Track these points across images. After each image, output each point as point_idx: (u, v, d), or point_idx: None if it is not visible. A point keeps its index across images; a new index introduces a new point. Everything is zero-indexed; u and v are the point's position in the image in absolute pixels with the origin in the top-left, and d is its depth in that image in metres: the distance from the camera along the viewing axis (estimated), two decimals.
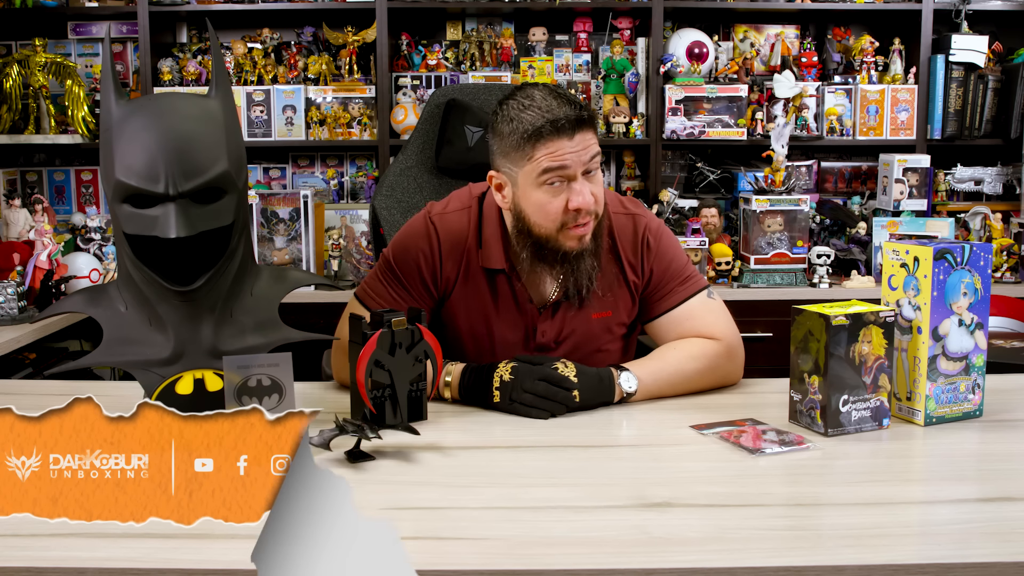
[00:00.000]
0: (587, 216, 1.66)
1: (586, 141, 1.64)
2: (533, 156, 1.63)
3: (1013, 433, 1.50)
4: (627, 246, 1.80)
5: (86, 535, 1.10)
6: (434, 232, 1.77)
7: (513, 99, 1.67)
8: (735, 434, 1.45)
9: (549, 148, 1.61)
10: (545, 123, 1.60)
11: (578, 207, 1.64)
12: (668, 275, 1.80)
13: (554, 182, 1.63)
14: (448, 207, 1.81)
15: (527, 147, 1.63)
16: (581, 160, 1.63)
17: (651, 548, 1.06)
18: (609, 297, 1.79)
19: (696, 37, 3.63)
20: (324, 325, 1.86)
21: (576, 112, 1.62)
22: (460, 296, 1.78)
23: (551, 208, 1.65)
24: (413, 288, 1.77)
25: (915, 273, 1.50)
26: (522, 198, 1.68)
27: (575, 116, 1.61)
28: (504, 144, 1.67)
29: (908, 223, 3.48)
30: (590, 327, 1.79)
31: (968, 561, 1.03)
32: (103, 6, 3.65)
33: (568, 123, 1.61)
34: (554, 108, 1.62)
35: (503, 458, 1.39)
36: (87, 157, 3.83)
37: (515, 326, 1.79)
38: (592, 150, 1.65)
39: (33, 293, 2.98)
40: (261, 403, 1.33)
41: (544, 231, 1.68)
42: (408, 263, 1.76)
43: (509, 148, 1.66)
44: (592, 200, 1.65)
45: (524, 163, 1.64)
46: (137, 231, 1.35)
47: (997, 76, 3.66)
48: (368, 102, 3.70)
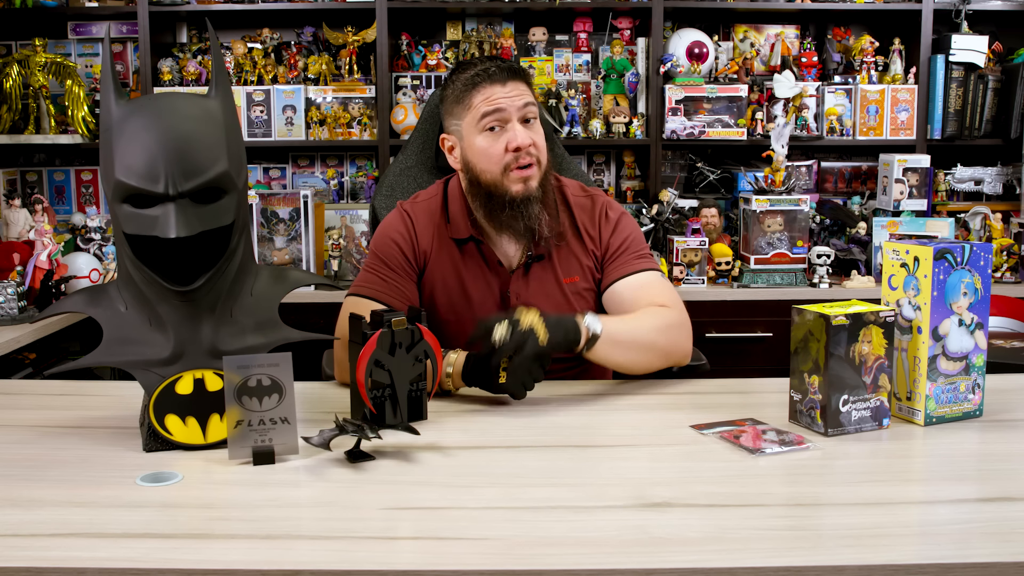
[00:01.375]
0: (528, 157, 1.81)
1: (519, 89, 1.82)
2: (471, 104, 1.81)
3: (1013, 433, 1.50)
4: (586, 220, 1.94)
5: (86, 535, 1.10)
6: (407, 215, 1.93)
7: (455, 69, 1.89)
8: (735, 434, 1.45)
9: (484, 94, 1.80)
10: (479, 71, 1.81)
11: (517, 146, 1.79)
12: (624, 247, 1.92)
13: (493, 127, 1.80)
14: (417, 198, 1.98)
15: (465, 97, 1.82)
16: (515, 105, 1.80)
17: (651, 548, 1.06)
18: (575, 263, 1.92)
19: (696, 37, 3.63)
20: (324, 325, 1.87)
21: (507, 65, 1.82)
22: (435, 267, 1.91)
23: (493, 151, 1.81)
24: (399, 269, 1.89)
25: (915, 273, 1.50)
26: (468, 149, 1.85)
27: (506, 67, 1.82)
28: (448, 103, 1.87)
29: (908, 223, 3.48)
30: (561, 290, 1.90)
31: (968, 561, 1.03)
32: (103, 6, 3.65)
33: (499, 71, 1.81)
34: (487, 64, 1.83)
35: (503, 458, 1.39)
36: (87, 157, 3.83)
37: (489, 289, 1.90)
38: (526, 98, 1.82)
39: (33, 293, 2.98)
40: (261, 403, 1.33)
41: (490, 176, 1.82)
42: (389, 247, 1.90)
43: (451, 104, 1.86)
44: (530, 140, 1.81)
45: (465, 114, 1.83)
46: (137, 231, 1.35)
47: (997, 76, 3.66)
48: (368, 102, 3.70)
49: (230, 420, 1.33)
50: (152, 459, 1.36)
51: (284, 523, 1.14)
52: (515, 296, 1.89)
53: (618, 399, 1.68)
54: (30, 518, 1.15)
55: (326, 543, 1.08)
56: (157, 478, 1.27)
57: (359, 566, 1.02)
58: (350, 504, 1.20)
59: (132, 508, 1.18)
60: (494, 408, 1.63)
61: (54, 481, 1.27)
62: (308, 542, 1.08)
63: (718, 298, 3.28)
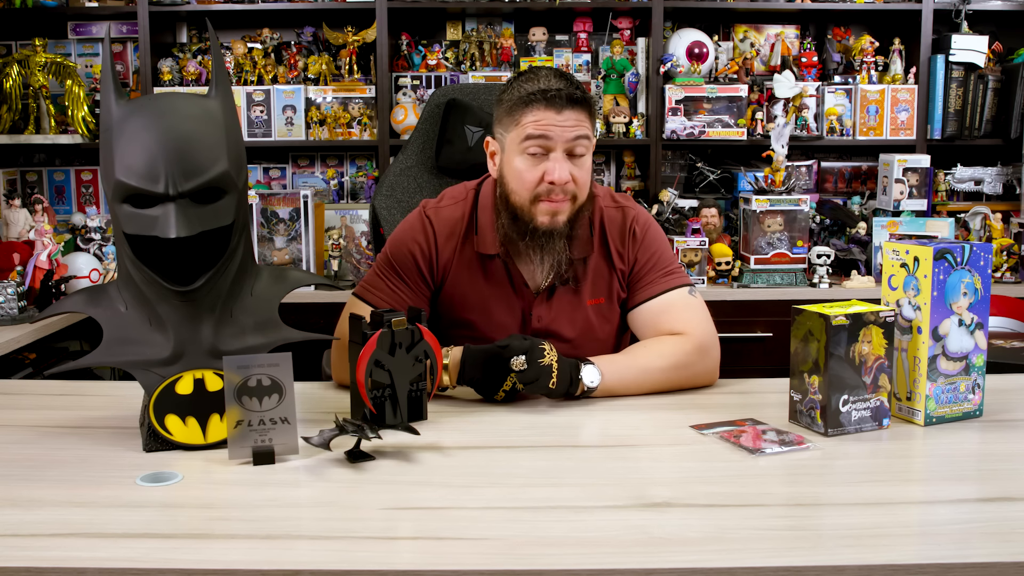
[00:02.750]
0: (561, 194, 1.71)
1: (575, 119, 1.69)
2: (520, 121, 1.70)
3: (1013, 433, 1.50)
4: (615, 235, 1.85)
5: (86, 535, 1.10)
6: (428, 224, 1.83)
7: (521, 74, 1.77)
8: (735, 434, 1.45)
9: (535, 116, 1.68)
10: (537, 91, 1.69)
11: (552, 180, 1.69)
12: (651, 265, 1.84)
13: (535, 151, 1.70)
14: (442, 201, 1.88)
15: (517, 112, 1.71)
16: (564, 136, 1.68)
17: (651, 548, 1.06)
18: (601, 284, 1.84)
19: (696, 37, 3.63)
20: (324, 325, 1.87)
21: (569, 89, 1.69)
22: (456, 282, 1.82)
23: (527, 176, 1.71)
24: (411, 280, 1.81)
25: (915, 273, 1.50)
26: (506, 164, 1.76)
27: (567, 92, 1.68)
28: (500, 110, 1.76)
29: (908, 223, 3.48)
30: (585, 313, 1.84)
31: (968, 561, 1.03)
32: (103, 6, 3.65)
33: (559, 97, 1.67)
34: (551, 83, 1.70)
35: (503, 458, 1.39)
36: (87, 157, 3.83)
37: (511, 310, 1.83)
38: (579, 131, 1.69)
39: (33, 293, 2.98)
40: (261, 403, 1.33)
41: (519, 199, 1.74)
42: (404, 256, 1.81)
43: (503, 113, 1.75)
44: (568, 177, 1.70)
45: (512, 128, 1.72)
46: (137, 231, 1.35)
47: (997, 76, 3.66)
48: (368, 102, 3.70)
49: (230, 420, 1.33)
50: (152, 459, 1.36)
51: (284, 523, 1.14)
52: (537, 319, 1.82)
53: (618, 399, 1.68)
54: (30, 518, 1.15)
55: (326, 543, 1.08)
56: (157, 478, 1.27)
57: (359, 566, 1.02)
58: (350, 504, 1.20)
59: (132, 508, 1.18)
60: (494, 408, 1.63)
61: (54, 481, 1.27)
62: (308, 542, 1.08)
63: (718, 298, 3.28)
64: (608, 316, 1.86)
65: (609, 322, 1.87)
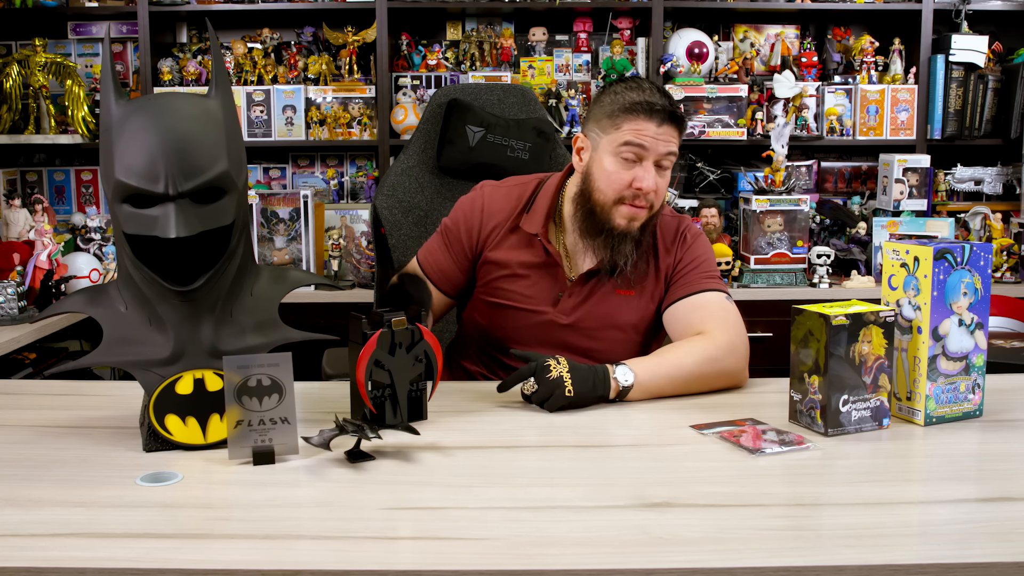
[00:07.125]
0: (644, 201, 1.80)
1: (669, 135, 1.79)
2: (620, 127, 1.79)
3: (1013, 433, 1.50)
4: (667, 236, 1.93)
5: (86, 535, 1.10)
6: (480, 198, 1.97)
7: (623, 81, 1.85)
8: (735, 434, 1.45)
9: (637, 125, 1.77)
10: (643, 102, 1.78)
11: (640, 187, 1.78)
12: (693, 267, 1.89)
13: (628, 156, 1.78)
14: (504, 183, 2.01)
15: (618, 118, 1.79)
16: (658, 149, 1.78)
17: (651, 548, 1.06)
18: (637, 279, 1.89)
19: (696, 37, 3.63)
20: (324, 325, 1.87)
21: (671, 108, 1.79)
22: (495, 252, 1.93)
23: (616, 179, 1.79)
24: (453, 247, 1.96)
25: (915, 273, 1.50)
26: (595, 163, 1.83)
27: (669, 110, 1.79)
28: (599, 111, 1.84)
29: (908, 223, 3.48)
30: (609, 300, 1.89)
31: (968, 561, 1.03)
32: (103, 6, 3.65)
33: (661, 112, 1.77)
34: (655, 97, 1.79)
35: (503, 458, 1.39)
36: (87, 157, 3.83)
37: (542, 289, 1.90)
38: (671, 147, 1.80)
39: (33, 293, 2.98)
40: (261, 403, 1.33)
41: (602, 198, 1.82)
42: (454, 223, 1.97)
43: (602, 115, 1.82)
44: (655, 186, 1.79)
45: (611, 131, 1.80)
46: (137, 231, 1.35)
47: (997, 76, 3.66)
48: (368, 102, 3.70)
49: (230, 420, 1.33)
50: (152, 459, 1.36)
51: (284, 523, 1.14)
52: (567, 296, 1.89)
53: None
54: (30, 518, 1.15)
55: (326, 543, 1.08)
56: (157, 478, 1.27)
57: (359, 566, 1.02)
58: (350, 504, 1.20)
59: (132, 508, 1.18)
60: (494, 408, 1.63)
61: (54, 481, 1.27)
62: (308, 542, 1.08)
63: None
64: (635, 307, 1.90)
65: (633, 312, 1.90)
